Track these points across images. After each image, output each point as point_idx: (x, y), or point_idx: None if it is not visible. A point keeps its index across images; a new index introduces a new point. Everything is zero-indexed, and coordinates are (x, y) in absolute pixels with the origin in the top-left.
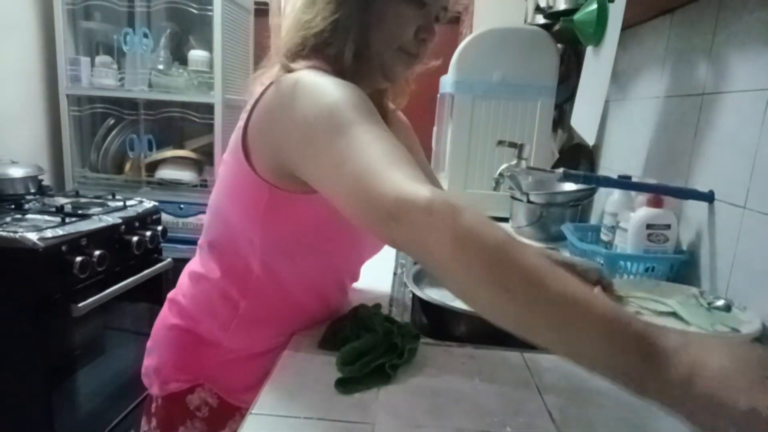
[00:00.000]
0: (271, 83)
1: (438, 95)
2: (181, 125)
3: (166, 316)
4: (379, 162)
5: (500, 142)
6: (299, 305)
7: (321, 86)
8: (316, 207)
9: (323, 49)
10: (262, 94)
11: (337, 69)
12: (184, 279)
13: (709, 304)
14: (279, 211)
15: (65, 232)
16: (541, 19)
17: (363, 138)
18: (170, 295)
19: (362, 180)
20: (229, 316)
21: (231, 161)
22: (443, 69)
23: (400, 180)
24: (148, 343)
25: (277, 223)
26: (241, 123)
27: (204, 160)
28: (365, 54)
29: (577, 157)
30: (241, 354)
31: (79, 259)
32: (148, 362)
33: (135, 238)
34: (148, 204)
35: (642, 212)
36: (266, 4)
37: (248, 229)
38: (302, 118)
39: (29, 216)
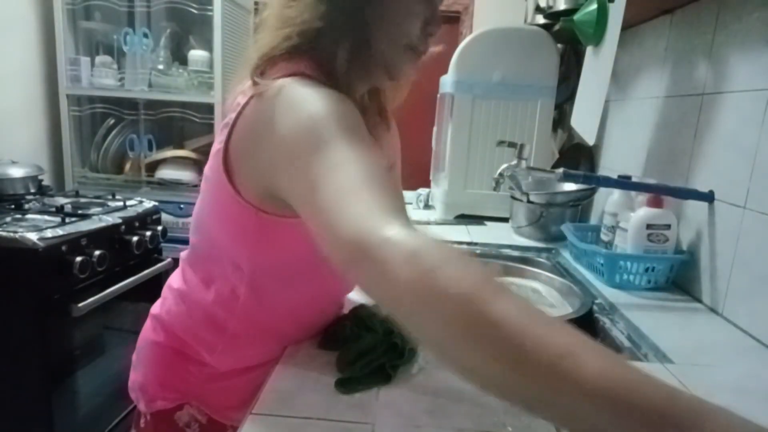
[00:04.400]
0: (252, 97)
1: (438, 95)
2: (181, 125)
3: (149, 331)
4: (345, 191)
5: (500, 142)
6: (289, 324)
7: (300, 102)
8: (306, 231)
9: (310, 50)
10: (243, 108)
11: (328, 71)
12: (167, 294)
13: None
14: (267, 236)
15: (65, 232)
16: (541, 19)
17: (335, 161)
18: (153, 310)
19: (326, 215)
20: (215, 339)
21: (213, 179)
22: (443, 69)
23: (361, 215)
24: (133, 357)
25: (266, 249)
26: (222, 138)
27: (204, 160)
28: (365, 53)
29: (577, 157)
30: (228, 371)
31: (79, 259)
32: (134, 377)
33: (135, 238)
34: (148, 204)
35: (642, 212)
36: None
37: (235, 254)
38: (281, 138)
39: (29, 216)
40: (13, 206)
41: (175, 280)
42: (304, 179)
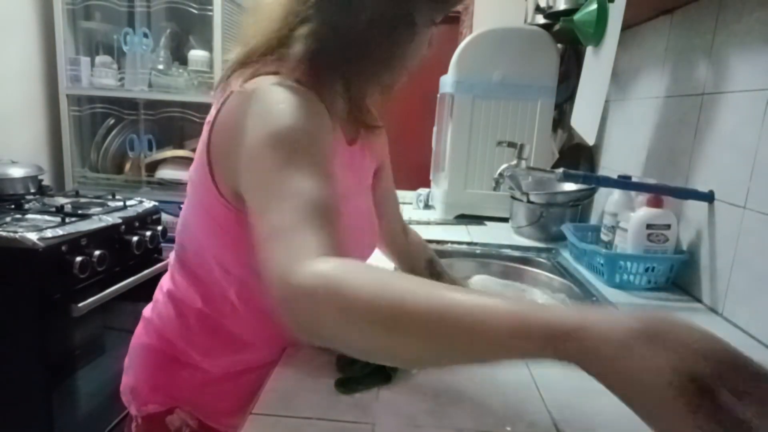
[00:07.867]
0: (231, 93)
1: (438, 95)
2: (181, 125)
3: (141, 334)
4: (282, 229)
5: (500, 143)
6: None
7: (271, 109)
8: None
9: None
10: (222, 104)
11: (315, 77)
12: (158, 296)
13: None
14: (247, 236)
15: (65, 232)
16: (541, 19)
17: (284, 189)
18: (145, 313)
19: (263, 247)
20: (209, 343)
21: (196, 179)
22: (443, 69)
23: (287, 257)
24: (125, 360)
25: (248, 249)
26: (204, 136)
27: None
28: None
29: (577, 157)
30: (223, 375)
31: (79, 259)
32: (126, 380)
33: (135, 238)
34: (148, 204)
35: (642, 212)
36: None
37: (220, 256)
38: (247, 143)
39: (29, 216)
40: (13, 206)
41: (165, 282)
42: (256, 195)
